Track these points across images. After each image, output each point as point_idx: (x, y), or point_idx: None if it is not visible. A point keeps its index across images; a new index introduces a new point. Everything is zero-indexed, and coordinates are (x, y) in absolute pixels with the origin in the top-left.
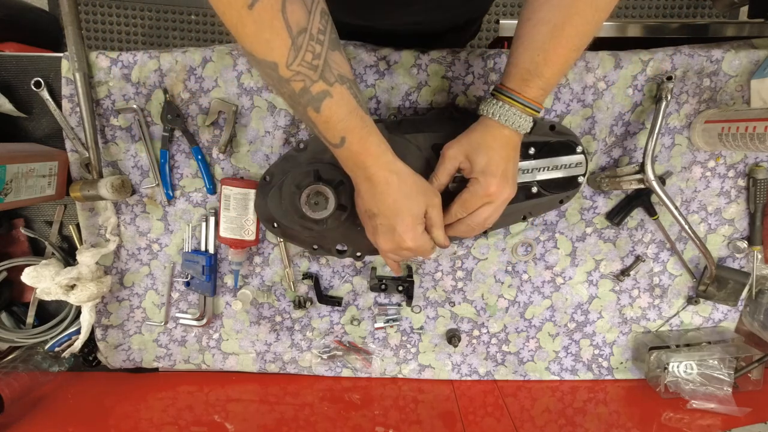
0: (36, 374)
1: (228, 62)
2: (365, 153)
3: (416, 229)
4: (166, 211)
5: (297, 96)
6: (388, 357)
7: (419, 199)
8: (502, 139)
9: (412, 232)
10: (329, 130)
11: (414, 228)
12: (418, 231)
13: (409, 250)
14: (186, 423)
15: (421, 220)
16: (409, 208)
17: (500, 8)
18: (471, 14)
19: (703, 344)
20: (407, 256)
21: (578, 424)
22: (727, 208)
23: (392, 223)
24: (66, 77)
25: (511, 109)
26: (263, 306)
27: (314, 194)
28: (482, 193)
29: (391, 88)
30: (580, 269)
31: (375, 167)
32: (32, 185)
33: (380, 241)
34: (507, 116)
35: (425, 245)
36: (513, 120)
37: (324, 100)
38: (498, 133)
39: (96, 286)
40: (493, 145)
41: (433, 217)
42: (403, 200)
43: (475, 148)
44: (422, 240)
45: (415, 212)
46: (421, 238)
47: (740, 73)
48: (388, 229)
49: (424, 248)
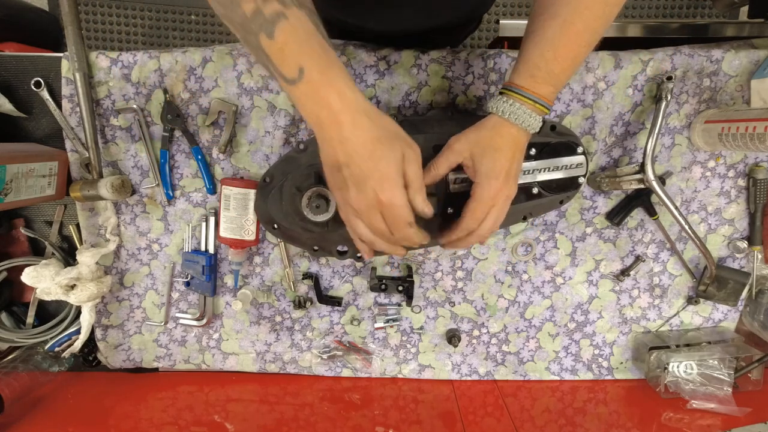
0: (36, 374)
1: (228, 62)
2: (328, 86)
3: (394, 179)
4: (166, 211)
5: (249, 21)
6: (388, 357)
7: (395, 145)
8: (510, 139)
9: (389, 182)
10: (285, 60)
11: (391, 178)
12: (397, 183)
13: (384, 210)
14: (186, 423)
15: (400, 170)
16: (383, 153)
17: (500, 8)
18: (460, 20)
19: (703, 344)
20: (379, 229)
21: (578, 424)
22: (727, 208)
23: (365, 172)
24: (66, 77)
25: (522, 108)
26: (263, 306)
27: (315, 197)
28: (487, 197)
29: (391, 88)
30: (580, 269)
31: (340, 105)
32: (32, 185)
33: (351, 195)
34: (517, 115)
35: (403, 208)
36: (523, 119)
37: (278, 23)
38: (506, 132)
39: (96, 286)
40: (501, 147)
41: (411, 174)
42: (377, 144)
43: (483, 148)
44: (400, 198)
45: (392, 158)
46: (399, 195)
47: (740, 73)
48: (359, 179)
49: (402, 213)
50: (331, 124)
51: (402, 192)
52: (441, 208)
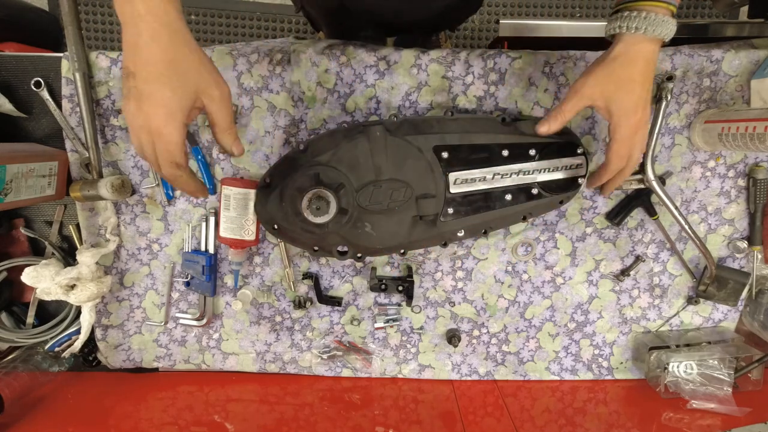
0: (36, 374)
1: (228, 62)
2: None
3: (171, 110)
4: (166, 211)
5: None
6: (388, 357)
7: (190, 76)
8: (643, 62)
9: (165, 111)
10: None
11: (168, 107)
12: (174, 115)
13: (154, 138)
14: (186, 423)
15: (185, 104)
16: (171, 79)
17: (500, 8)
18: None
19: (703, 344)
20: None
21: (578, 424)
22: (727, 208)
23: (146, 91)
24: (66, 77)
25: (656, 16)
26: (263, 306)
27: (315, 198)
28: (628, 135)
29: (391, 88)
30: (580, 269)
31: (144, 9)
32: (32, 185)
33: (129, 107)
34: (654, 25)
35: (171, 143)
36: (659, 28)
37: None
38: (639, 55)
39: (96, 286)
40: (634, 77)
41: (215, 114)
42: (169, 67)
43: (619, 86)
44: (172, 132)
45: (180, 88)
46: (171, 129)
47: (740, 73)
48: (139, 96)
49: (169, 147)
50: (130, 26)
51: (176, 127)
52: (441, 208)
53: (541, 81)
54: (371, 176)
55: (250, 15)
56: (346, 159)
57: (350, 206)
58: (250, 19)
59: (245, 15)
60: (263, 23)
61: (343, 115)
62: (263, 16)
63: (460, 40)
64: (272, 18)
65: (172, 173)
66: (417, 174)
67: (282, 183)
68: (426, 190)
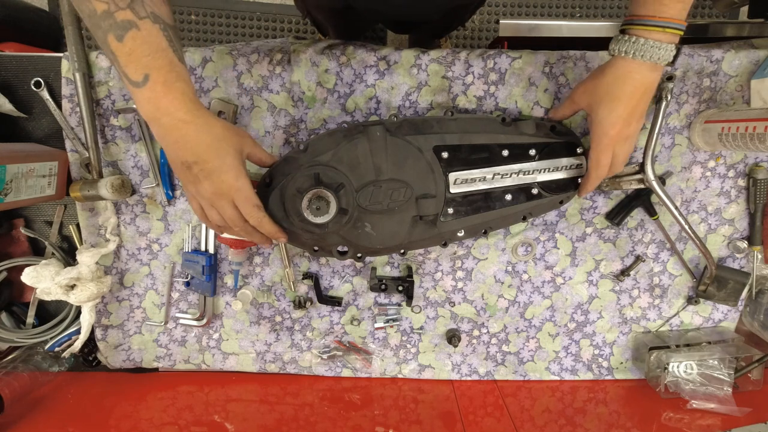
0: (36, 374)
1: (228, 62)
2: (171, 97)
3: (239, 168)
4: (166, 211)
5: (98, 19)
6: (388, 357)
7: (233, 140)
8: (632, 85)
9: (236, 171)
10: (131, 65)
11: (237, 167)
12: (242, 171)
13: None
14: (186, 423)
15: (242, 160)
16: (227, 149)
17: (500, 8)
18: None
19: (703, 344)
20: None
21: (578, 424)
22: (727, 208)
23: (215, 167)
24: (66, 77)
25: (648, 42)
26: (263, 306)
27: (315, 198)
28: (604, 145)
29: (391, 88)
30: (580, 269)
31: (183, 113)
32: (32, 185)
33: (204, 187)
34: (644, 51)
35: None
36: (651, 53)
37: (129, 31)
38: (630, 76)
39: (96, 286)
40: (619, 96)
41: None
42: (220, 143)
43: (600, 98)
44: (245, 182)
45: (234, 152)
46: (244, 180)
47: (740, 73)
48: (210, 173)
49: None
50: (173, 129)
51: (246, 178)
52: (441, 208)
53: (541, 81)
54: (371, 176)
55: (250, 15)
56: (346, 159)
57: (350, 206)
58: (250, 19)
59: (245, 15)
60: (263, 23)
61: (343, 115)
62: (263, 16)
63: (460, 40)
64: (272, 18)
65: (256, 216)
66: (417, 174)
67: (282, 183)
68: (426, 190)
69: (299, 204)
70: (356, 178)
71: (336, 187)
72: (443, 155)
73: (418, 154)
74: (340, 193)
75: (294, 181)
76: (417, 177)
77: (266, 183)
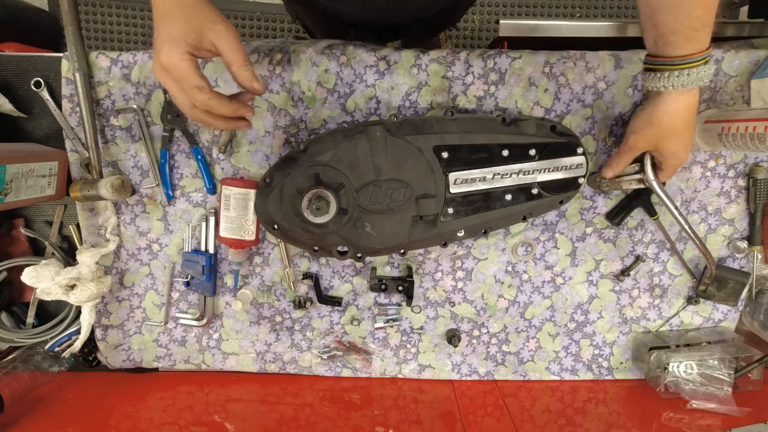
0: (36, 374)
1: None
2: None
3: (176, 42)
4: (166, 211)
5: None
6: (388, 357)
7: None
8: (686, 112)
9: (170, 44)
10: None
11: (173, 40)
12: (178, 46)
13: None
14: (186, 423)
15: (188, 36)
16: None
17: (500, 8)
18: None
19: (703, 344)
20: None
21: (578, 424)
22: (727, 208)
23: (157, 33)
24: (66, 77)
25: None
26: (263, 306)
27: (315, 198)
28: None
29: (391, 88)
30: (580, 269)
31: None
32: (32, 185)
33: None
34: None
35: (181, 70)
36: (695, 81)
37: None
38: (684, 105)
39: (96, 286)
40: (681, 128)
41: (225, 49)
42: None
43: (665, 137)
44: (178, 60)
45: (184, 23)
46: (177, 58)
47: (740, 73)
48: (154, 42)
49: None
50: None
51: (180, 53)
52: (441, 208)
53: (541, 81)
54: (371, 176)
55: (250, 15)
56: (346, 159)
57: (350, 206)
58: (250, 19)
59: (245, 15)
60: (263, 23)
61: (343, 115)
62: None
63: (460, 40)
64: (272, 18)
65: (199, 98)
66: (417, 174)
67: (282, 183)
68: (426, 190)
69: (299, 204)
70: (356, 178)
71: (336, 187)
72: (443, 155)
73: (418, 154)
74: (340, 193)
75: (294, 181)
76: (417, 177)
77: (266, 183)
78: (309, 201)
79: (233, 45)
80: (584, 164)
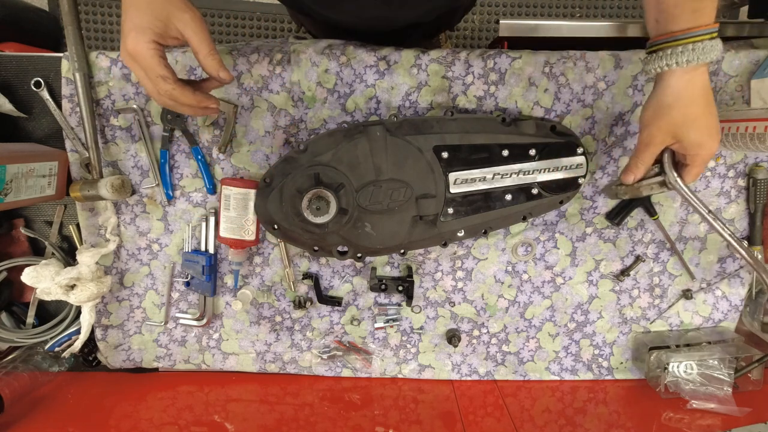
0: (36, 374)
1: (228, 62)
2: None
3: (140, 29)
4: (166, 211)
5: None
6: (388, 357)
7: (158, 4)
8: (704, 92)
9: (134, 32)
10: None
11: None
12: (143, 34)
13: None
14: (186, 423)
15: (153, 24)
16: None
17: (500, 8)
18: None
19: (703, 344)
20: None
21: (578, 424)
22: (727, 208)
23: (123, 21)
24: (66, 77)
25: (696, 45)
26: (263, 306)
27: (315, 198)
28: (704, 162)
29: (391, 88)
30: (580, 269)
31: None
32: (32, 185)
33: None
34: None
35: (146, 59)
36: (708, 54)
37: None
38: (698, 87)
39: (96, 286)
40: (700, 112)
41: (191, 38)
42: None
43: (681, 125)
44: (143, 48)
45: (147, 10)
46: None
47: (740, 73)
48: (122, 27)
49: (147, 64)
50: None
51: (145, 41)
52: (441, 208)
53: (541, 81)
54: (371, 176)
55: (250, 15)
56: (346, 159)
57: (350, 206)
58: (250, 19)
59: (245, 15)
60: (263, 23)
61: (343, 115)
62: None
63: (460, 40)
64: (272, 18)
65: (163, 88)
66: (417, 174)
67: (282, 183)
68: (426, 190)
69: (299, 204)
70: (356, 178)
71: (336, 187)
72: (443, 155)
73: (418, 154)
74: (340, 193)
75: (294, 181)
76: (417, 177)
77: (266, 183)
78: (309, 201)
79: (200, 34)
80: (584, 164)
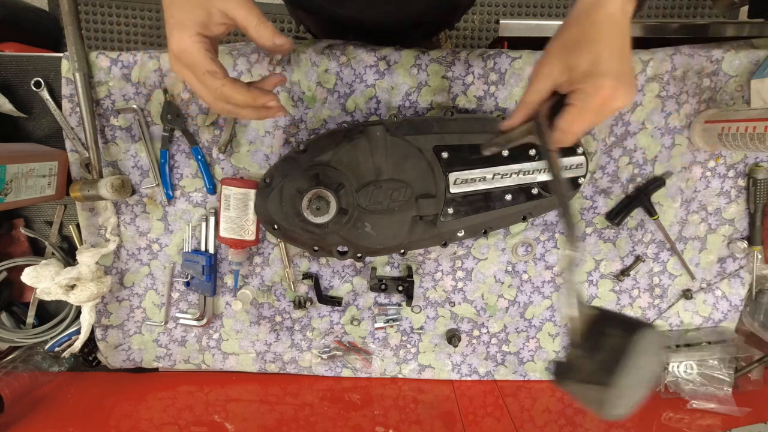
0: (36, 374)
1: (228, 62)
2: None
3: (185, 26)
4: (166, 211)
5: None
6: (388, 357)
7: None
8: (608, 23)
9: (179, 28)
10: None
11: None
12: (187, 29)
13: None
14: (186, 423)
15: (199, 17)
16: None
17: (500, 8)
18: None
19: (703, 344)
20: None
21: (578, 424)
22: (727, 208)
23: (166, 19)
24: (66, 77)
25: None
26: (263, 306)
27: (315, 198)
28: (594, 104)
29: (391, 88)
30: (580, 269)
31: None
32: (32, 185)
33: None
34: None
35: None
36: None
37: None
38: (600, 14)
39: (96, 286)
40: (598, 37)
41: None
42: None
43: (573, 48)
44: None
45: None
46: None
47: (740, 73)
48: (166, 24)
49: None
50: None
51: (190, 36)
52: (441, 208)
53: None
54: (371, 176)
55: None
56: (346, 159)
57: (350, 206)
58: None
59: None
60: None
61: (343, 115)
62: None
63: (460, 40)
64: (272, 18)
65: (212, 85)
66: (417, 174)
67: (282, 183)
68: (426, 190)
69: (299, 204)
70: (356, 178)
71: (336, 187)
72: (443, 155)
73: (418, 154)
74: (340, 193)
75: (294, 181)
76: (417, 177)
77: (266, 183)
78: (309, 201)
79: (245, 6)
80: (584, 164)
